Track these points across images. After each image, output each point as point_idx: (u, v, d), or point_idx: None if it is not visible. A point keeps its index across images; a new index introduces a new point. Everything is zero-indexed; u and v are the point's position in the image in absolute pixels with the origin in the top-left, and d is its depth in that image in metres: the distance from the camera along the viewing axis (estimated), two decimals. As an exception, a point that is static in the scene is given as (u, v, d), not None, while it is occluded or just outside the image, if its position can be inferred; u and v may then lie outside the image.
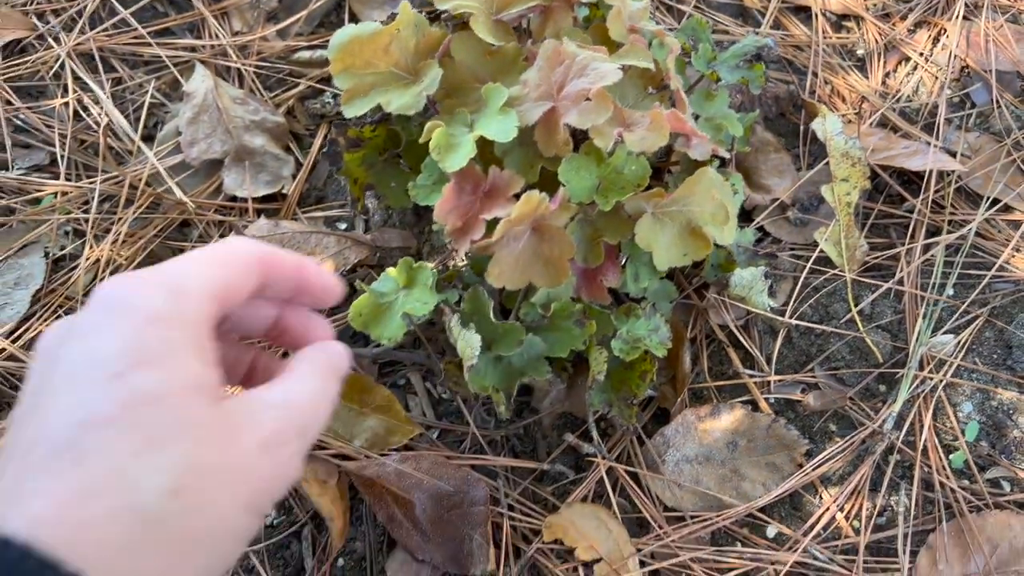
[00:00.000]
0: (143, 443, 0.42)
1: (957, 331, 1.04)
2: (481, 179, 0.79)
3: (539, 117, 0.79)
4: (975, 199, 1.13)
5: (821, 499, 0.94)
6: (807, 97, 1.21)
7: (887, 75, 1.25)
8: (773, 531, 0.93)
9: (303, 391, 0.51)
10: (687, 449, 0.95)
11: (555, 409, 0.98)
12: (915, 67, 1.25)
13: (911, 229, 1.10)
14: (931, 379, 1.00)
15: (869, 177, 1.08)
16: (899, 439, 0.97)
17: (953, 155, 1.16)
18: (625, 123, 0.82)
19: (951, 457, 0.96)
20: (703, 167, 0.86)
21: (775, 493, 0.93)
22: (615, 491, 0.93)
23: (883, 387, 1.01)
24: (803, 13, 1.31)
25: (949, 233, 1.10)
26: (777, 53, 1.24)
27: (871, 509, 0.94)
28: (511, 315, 0.89)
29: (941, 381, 1.00)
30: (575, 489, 0.94)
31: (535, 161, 0.83)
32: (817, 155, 1.15)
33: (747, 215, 1.11)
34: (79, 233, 1.10)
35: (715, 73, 1.00)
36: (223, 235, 1.08)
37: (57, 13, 1.25)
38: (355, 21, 1.27)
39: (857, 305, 1.04)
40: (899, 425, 0.98)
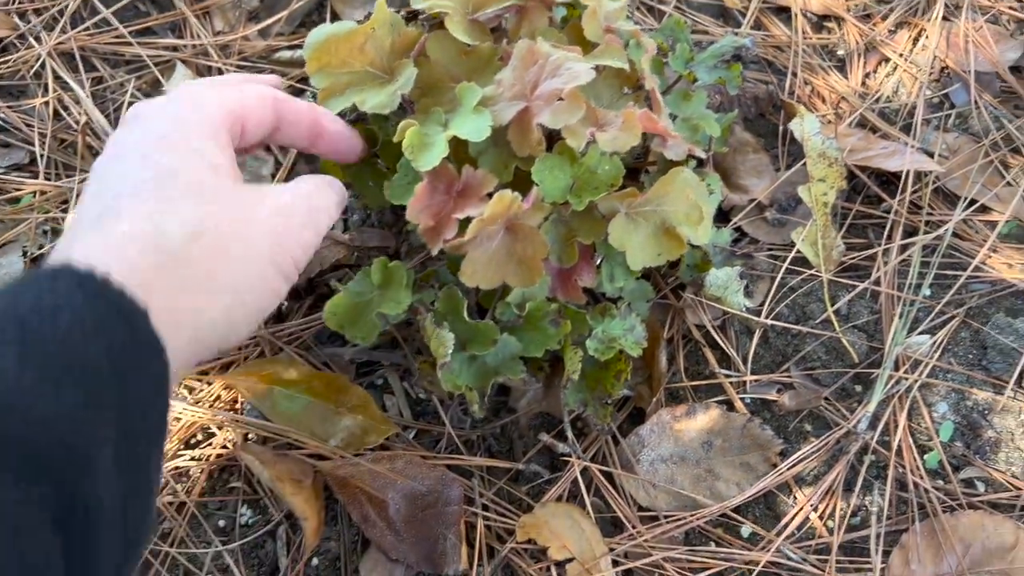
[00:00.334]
0: (165, 202, 0.52)
1: (933, 331, 1.04)
2: (454, 178, 0.79)
3: (512, 117, 0.79)
4: (952, 200, 1.14)
5: (795, 499, 0.95)
6: (787, 97, 1.21)
7: (867, 75, 1.26)
8: (747, 531, 0.93)
9: (307, 186, 0.65)
10: (662, 449, 0.95)
11: (532, 409, 0.99)
12: (895, 68, 1.26)
13: (888, 229, 1.11)
14: (906, 379, 1.00)
15: (846, 177, 1.09)
16: (874, 439, 0.97)
17: (931, 156, 1.16)
18: (598, 123, 0.82)
19: (925, 457, 0.97)
20: (679, 167, 0.87)
21: (749, 493, 0.93)
22: (589, 491, 0.94)
23: (859, 387, 1.01)
24: (784, 13, 1.31)
25: (926, 233, 1.10)
26: (755, 53, 1.24)
27: (845, 509, 0.94)
28: (487, 314, 0.89)
29: (916, 381, 1.00)
30: (550, 489, 0.94)
31: (509, 161, 0.83)
32: (796, 155, 1.16)
33: (725, 215, 1.11)
34: (57, 232, 1.10)
35: (692, 74, 1.00)
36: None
37: (39, 12, 1.25)
38: (337, 20, 1.27)
39: (833, 305, 1.05)
40: (874, 425, 0.98)
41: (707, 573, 0.90)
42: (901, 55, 1.26)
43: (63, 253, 0.48)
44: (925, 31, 1.28)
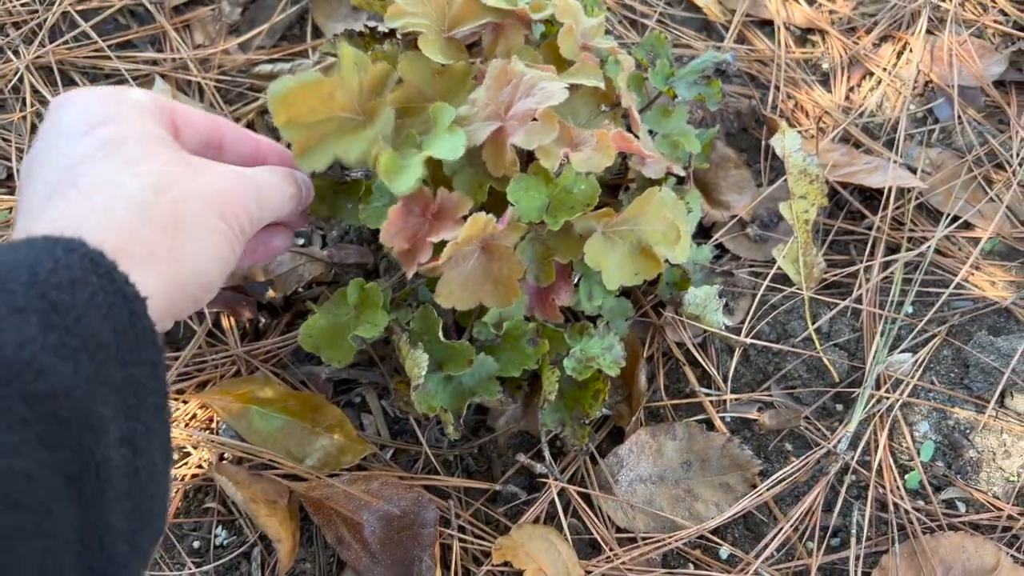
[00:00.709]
0: (122, 163, 0.54)
1: (915, 350, 1.03)
2: (429, 200, 0.78)
3: (487, 137, 0.78)
4: (935, 216, 1.13)
5: (775, 520, 0.94)
6: (769, 112, 1.20)
7: (851, 90, 1.25)
8: (726, 552, 0.92)
9: (263, 172, 0.68)
10: (641, 469, 0.94)
11: (510, 428, 0.98)
12: (879, 82, 1.25)
13: (870, 246, 1.10)
14: (887, 398, 0.99)
15: (828, 194, 1.08)
16: (854, 459, 0.96)
17: (914, 171, 1.16)
18: (573, 143, 0.81)
19: (906, 477, 0.96)
20: (655, 186, 0.86)
21: (728, 514, 0.92)
22: (567, 512, 0.93)
23: (839, 406, 1.01)
24: (767, 27, 1.30)
25: (908, 250, 1.09)
26: (737, 68, 1.23)
27: (825, 530, 0.93)
28: (465, 334, 0.88)
29: (897, 400, 1.00)
30: (528, 510, 0.93)
31: (484, 181, 0.82)
32: (778, 170, 1.15)
33: (706, 231, 1.11)
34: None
35: (672, 90, 0.99)
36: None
37: (17, 26, 1.24)
38: (318, 34, 1.27)
39: (815, 323, 1.04)
40: (854, 445, 0.97)
41: (685, 596, 0.89)
42: (885, 69, 1.26)
43: (28, 227, 0.51)
44: (909, 45, 1.28)
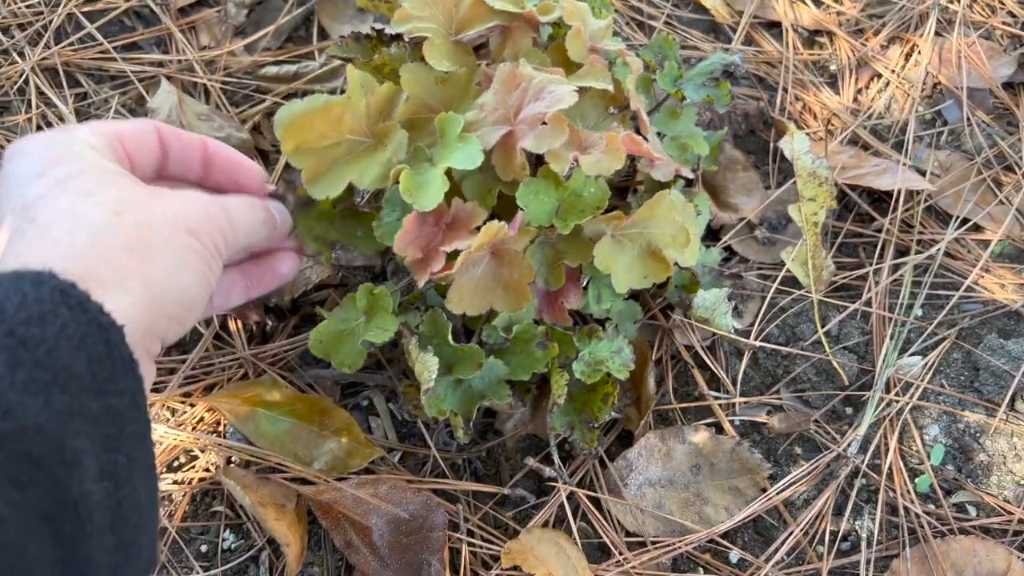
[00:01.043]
0: (79, 195, 0.53)
1: (924, 353, 1.03)
2: (444, 211, 0.78)
3: (496, 141, 0.78)
4: (944, 218, 1.13)
5: (785, 524, 0.94)
6: (777, 114, 1.20)
7: (859, 92, 1.25)
8: (735, 556, 0.92)
9: (231, 198, 0.66)
10: (650, 473, 0.94)
11: (519, 431, 0.97)
12: (887, 84, 1.25)
13: (879, 249, 1.10)
14: (897, 401, 0.99)
15: (836, 197, 1.08)
16: (864, 462, 0.96)
17: (923, 174, 1.15)
18: (582, 146, 0.81)
19: (916, 481, 0.95)
20: (665, 189, 0.86)
21: (738, 518, 0.92)
22: (576, 516, 0.92)
23: (849, 409, 1.00)
24: (775, 29, 1.30)
25: (918, 253, 1.09)
26: (745, 69, 1.23)
27: (835, 534, 0.93)
28: (474, 337, 0.88)
29: (907, 404, 0.99)
30: (536, 514, 0.92)
31: (493, 186, 0.82)
32: (786, 173, 1.15)
33: (714, 234, 1.10)
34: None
35: (681, 92, 0.99)
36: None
37: (23, 27, 1.24)
38: (324, 36, 1.27)
39: (824, 326, 1.04)
40: (864, 448, 0.97)
41: (695, 600, 0.89)
42: (893, 71, 1.25)
43: (15, 258, 0.50)
44: (917, 47, 1.27)
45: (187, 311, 0.58)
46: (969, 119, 1.21)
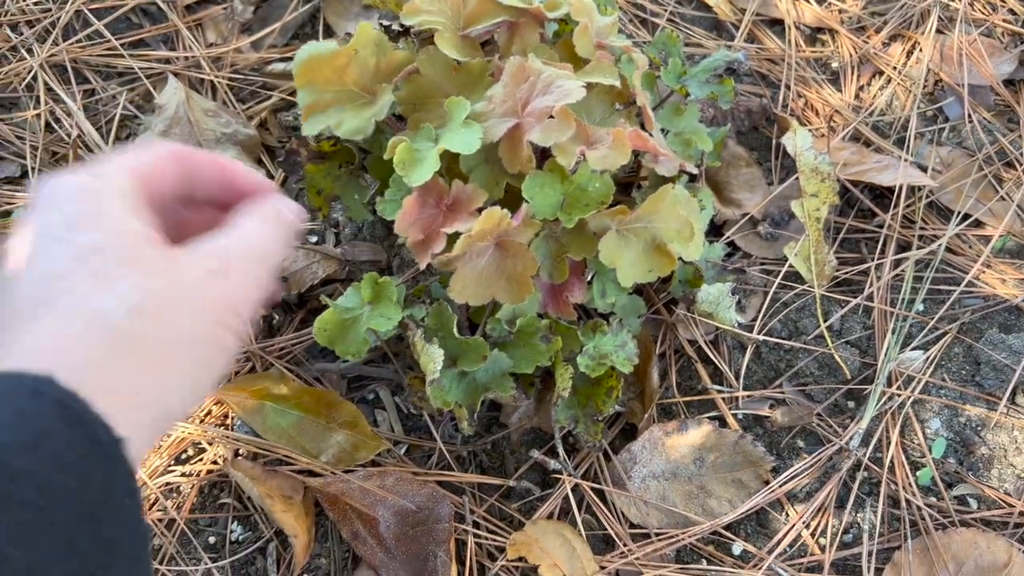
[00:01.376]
0: (98, 280, 0.48)
1: (926, 347, 1.04)
2: (444, 192, 0.79)
3: (503, 133, 0.79)
4: (946, 214, 1.14)
5: (787, 516, 0.94)
6: (780, 111, 1.21)
7: (860, 88, 1.26)
8: (738, 548, 0.93)
9: (243, 231, 0.58)
10: (654, 465, 0.95)
11: (523, 424, 0.98)
12: (888, 81, 1.26)
13: (881, 244, 1.10)
14: (899, 395, 1.00)
15: (839, 192, 1.09)
16: (866, 456, 0.97)
17: (924, 170, 1.16)
18: (589, 140, 0.82)
19: (918, 474, 0.96)
20: (669, 184, 0.86)
21: (741, 510, 0.93)
22: (580, 508, 0.93)
23: (851, 403, 1.01)
24: (777, 26, 1.31)
25: (919, 248, 1.10)
26: (748, 67, 1.24)
27: (837, 526, 0.94)
28: (478, 330, 0.89)
29: (909, 397, 1.00)
30: (541, 506, 0.93)
31: (500, 178, 0.83)
32: (789, 169, 1.15)
33: (717, 229, 1.11)
34: (48, 246, 1.09)
35: (685, 88, 1.00)
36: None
37: (31, 24, 1.25)
38: (329, 33, 1.27)
39: (826, 320, 1.05)
40: (866, 441, 0.98)
41: (698, 591, 0.90)
42: (895, 68, 1.26)
43: (19, 354, 0.46)
44: (919, 44, 1.28)
45: (192, 409, 0.55)
46: (970, 116, 1.21)
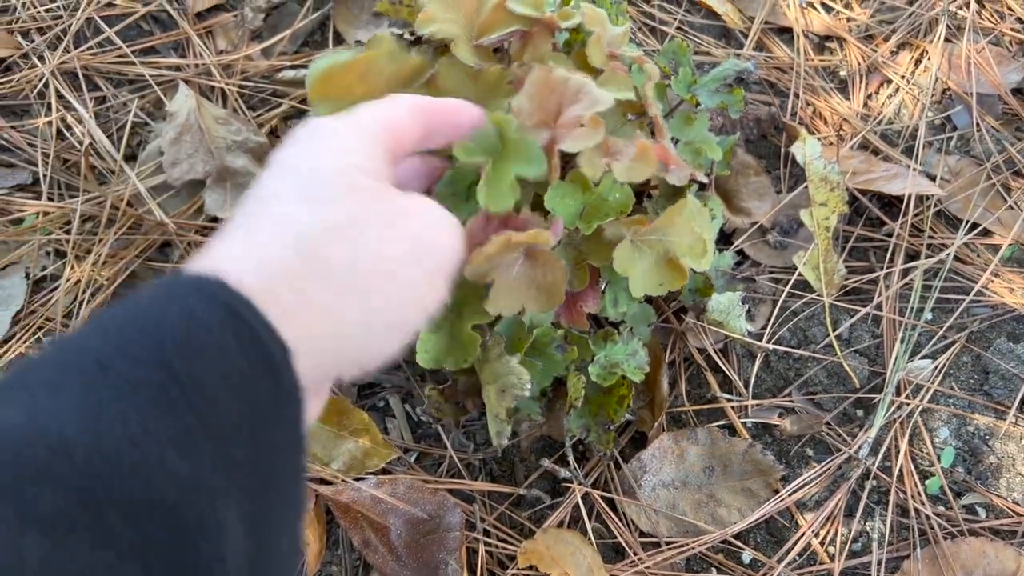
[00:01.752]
0: (311, 204, 0.48)
1: (935, 356, 1.04)
2: (511, 216, 0.78)
3: (542, 146, 0.79)
4: (954, 223, 1.14)
5: (797, 525, 0.95)
6: (789, 119, 1.21)
7: (869, 97, 1.26)
8: (748, 557, 0.93)
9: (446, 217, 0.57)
10: (664, 474, 0.95)
11: (533, 433, 0.99)
12: (897, 89, 1.26)
13: (890, 253, 1.11)
14: (908, 404, 1.00)
15: (848, 201, 1.09)
16: (875, 464, 0.97)
17: (933, 179, 1.16)
18: (609, 152, 0.82)
19: (927, 483, 0.97)
20: (683, 195, 0.87)
21: (751, 519, 0.93)
22: (591, 516, 0.94)
23: (860, 412, 1.01)
24: (786, 34, 1.31)
25: (928, 257, 1.10)
26: (758, 76, 1.24)
27: (846, 535, 0.94)
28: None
29: (918, 406, 1.00)
30: (552, 514, 0.94)
31: (526, 188, 0.83)
32: (798, 177, 1.16)
33: (727, 238, 1.12)
34: (60, 254, 1.10)
35: (695, 97, 1.00)
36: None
37: (42, 31, 1.25)
38: (339, 40, 1.28)
39: (835, 329, 1.05)
40: (875, 450, 0.98)
41: (709, 600, 0.90)
42: (903, 77, 1.27)
43: (208, 259, 0.45)
44: (927, 52, 1.28)
45: (368, 356, 0.50)
46: (979, 124, 1.22)
